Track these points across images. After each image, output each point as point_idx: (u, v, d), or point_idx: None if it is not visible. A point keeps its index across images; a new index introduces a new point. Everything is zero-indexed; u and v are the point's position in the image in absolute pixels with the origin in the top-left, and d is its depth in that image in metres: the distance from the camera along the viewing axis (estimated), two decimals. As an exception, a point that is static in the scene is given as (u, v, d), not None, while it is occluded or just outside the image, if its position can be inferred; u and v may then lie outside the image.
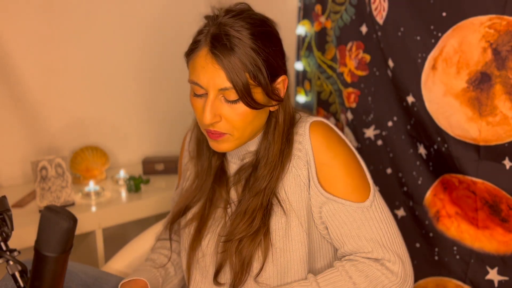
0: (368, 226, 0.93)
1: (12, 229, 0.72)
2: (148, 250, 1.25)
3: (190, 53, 0.94)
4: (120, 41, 1.91)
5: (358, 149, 1.47)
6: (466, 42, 1.10)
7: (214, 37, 0.89)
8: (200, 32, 0.94)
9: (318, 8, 1.58)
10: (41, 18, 1.73)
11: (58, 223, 0.65)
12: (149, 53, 1.98)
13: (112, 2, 1.87)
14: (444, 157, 1.20)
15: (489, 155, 1.11)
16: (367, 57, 1.40)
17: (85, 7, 1.81)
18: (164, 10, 1.99)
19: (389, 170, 1.38)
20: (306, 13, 1.65)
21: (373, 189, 0.98)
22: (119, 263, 1.27)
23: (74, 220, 0.67)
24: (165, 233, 1.14)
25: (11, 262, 0.68)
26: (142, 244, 1.31)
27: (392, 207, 1.36)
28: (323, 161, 0.95)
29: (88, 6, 1.82)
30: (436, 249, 1.27)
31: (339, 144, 0.98)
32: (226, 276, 0.98)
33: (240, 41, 0.88)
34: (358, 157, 1.01)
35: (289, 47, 1.74)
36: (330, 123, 1.02)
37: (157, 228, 1.27)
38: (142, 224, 1.69)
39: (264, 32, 0.92)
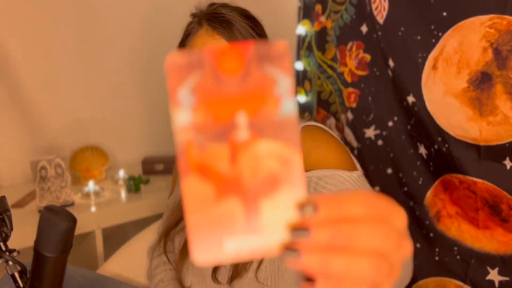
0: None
1: (11, 229, 0.71)
2: (145, 250, 1.25)
3: (185, 39, 0.95)
4: (120, 40, 1.90)
5: (358, 149, 1.47)
6: (466, 42, 1.10)
7: (209, 17, 0.92)
8: (190, 23, 0.96)
9: (318, 7, 1.57)
10: (40, 18, 1.73)
11: (58, 223, 0.65)
12: (149, 53, 1.97)
13: (112, 2, 1.86)
14: (445, 157, 1.19)
15: (490, 155, 1.10)
16: (368, 57, 1.40)
17: (85, 7, 1.81)
18: (164, 10, 1.98)
19: (389, 170, 1.38)
20: (306, 12, 1.65)
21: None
22: (117, 263, 1.27)
23: (73, 220, 0.66)
24: (160, 245, 1.12)
25: (10, 263, 0.68)
26: (140, 244, 1.30)
27: (393, 207, 1.36)
28: (306, 149, 0.93)
29: (87, 6, 1.81)
30: (437, 249, 1.27)
31: (328, 138, 0.96)
32: (223, 274, 0.97)
33: (234, 17, 0.91)
34: (353, 157, 1.00)
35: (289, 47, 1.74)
36: (325, 126, 1.01)
37: (155, 227, 1.26)
38: (141, 224, 1.68)
39: (251, 16, 0.96)
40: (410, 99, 1.24)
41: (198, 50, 0.42)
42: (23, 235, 1.27)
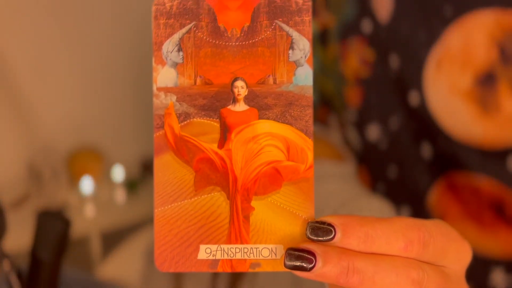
0: None
1: (5, 232, 0.70)
2: (142, 251, 1.24)
3: None
4: (119, 38, 1.90)
5: (360, 148, 1.46)
6: (471, 40, 1.09)
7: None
8: None
9: (319, 3, 1.57)
10: (36, 16, 1.73)
11: (53, 225, 0.64)
12: (148, 51, 1.97)
13: (109, 1, 1.87)
14: (448, 157, 1.19)
15: (494, 155, 1.10)
16: (370, 54, 1.39)
17: (80, 5, 1.81)
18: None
19: (391, 170, 1.38)
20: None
21: None
22: (113, 266, 1.26)
23: (69, 223, 0.65)
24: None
25: (5, 266, 0.67)
26: (137, 245, 1.29)
27: (394, 207, 1.35)
28: None
29: (84, 4, 1.82)
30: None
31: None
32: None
33: None
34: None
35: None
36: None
37: (153, 228, 1.25)
38: (140, 226, 1.68)
39: None
40: (413, 97, 1.23)
41: None
42: (17, 238, 1.25)
